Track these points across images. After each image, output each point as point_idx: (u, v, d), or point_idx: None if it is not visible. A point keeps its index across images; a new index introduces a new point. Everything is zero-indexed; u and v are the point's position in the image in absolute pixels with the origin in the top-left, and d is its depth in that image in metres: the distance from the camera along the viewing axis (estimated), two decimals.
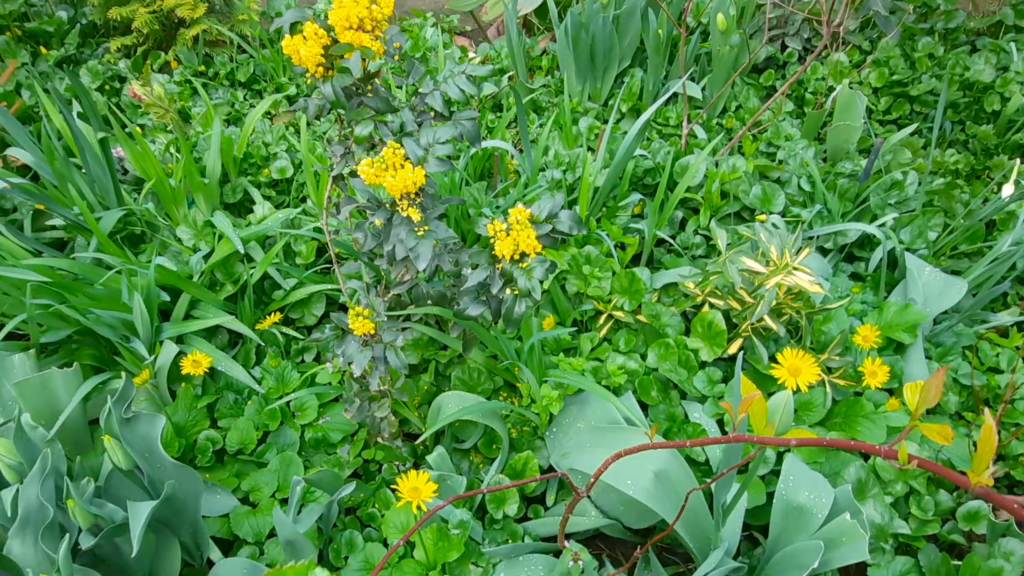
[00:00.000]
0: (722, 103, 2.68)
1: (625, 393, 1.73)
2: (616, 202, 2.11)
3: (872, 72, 2.82)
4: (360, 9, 1.25)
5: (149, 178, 2.01)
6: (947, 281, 1.88)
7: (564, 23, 2.46)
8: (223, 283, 1.93)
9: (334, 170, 1.50)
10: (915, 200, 2.16)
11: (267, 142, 2.38)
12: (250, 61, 2.82)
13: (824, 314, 1.77)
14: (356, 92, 1.37)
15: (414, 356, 1.84)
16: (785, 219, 2.16)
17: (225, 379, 1.79)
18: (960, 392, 1.80)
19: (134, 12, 2.72)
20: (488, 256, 1.42)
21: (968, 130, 2.73)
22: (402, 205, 1.32)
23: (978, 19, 3.31)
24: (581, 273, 1.92)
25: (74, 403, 1.55)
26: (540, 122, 2.47)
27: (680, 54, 2.33)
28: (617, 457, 0.99)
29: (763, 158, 2.42)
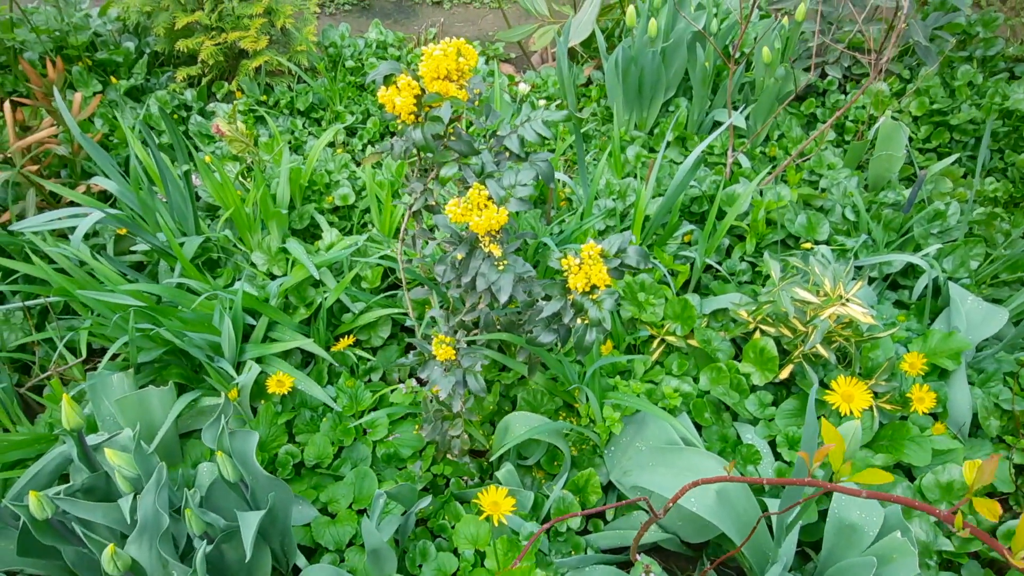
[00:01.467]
0: (765, 132, 2.77)
1: (680, 414, 1.82)
2: (667, 231, 2.20)
3: (913, 101, 2.89)
4: (449, 62, 1.37)
5: (226, 207, 2.14)
6: (989, 310, 1.95)
7: (614, 56, 2.57)
8: (296, 306, 2.04)
9: (413, 206, 1.61)
10: (957, 230, 2.23)
11: (329, 170, 2.50)
12: (308, 90, 2.96)
13: (873, 342, 1.85)
14: (441, 137, 1.48)
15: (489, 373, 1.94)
16: (831, 248, 2.24)
17: (301, 397, 1.90)
18: (1001, 416, 1.86)
19: (200, 44, 2.87)
20: (561, 288, 1.52)
21: (1007, 158, 2.79)
22: (484, 241, 1.43)
23: (1017, 45, 3.37)
24: (636, 299, 2.01)
25: (171, 419, 1.67)
26: (593, 152, 2.58)
27: (729, 86, 2.43)
28: (695, 485, 1.08)
29: (807, 187, 2.50)
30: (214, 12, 2.82)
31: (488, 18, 3.89)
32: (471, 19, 3.92)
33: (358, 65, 3.16)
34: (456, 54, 1.38)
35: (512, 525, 1.61)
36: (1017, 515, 1.85)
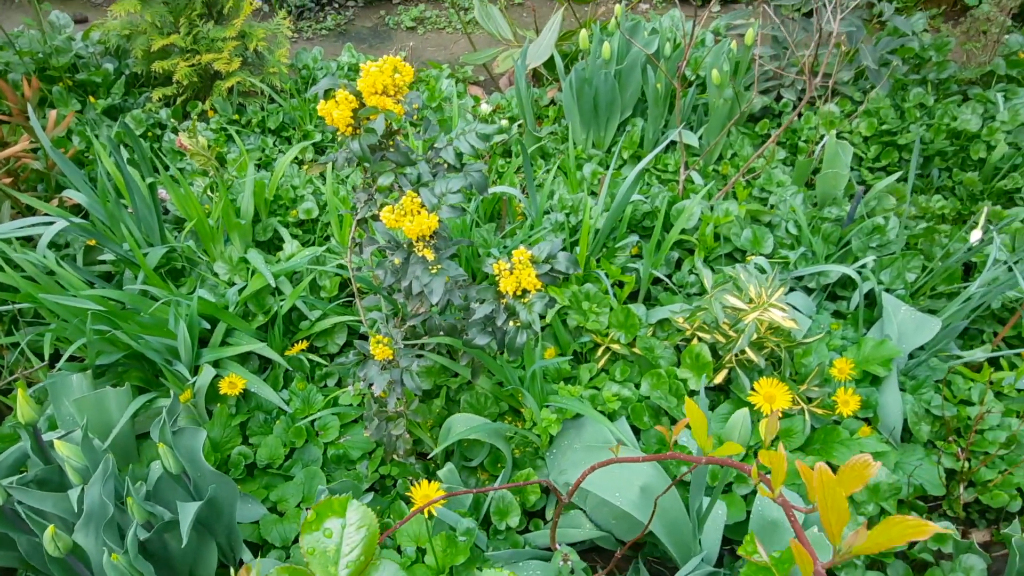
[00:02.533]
0: (718, 151, 2.87)
1: (619, 419, 1.89)
2: (615, 243, 2.29)
3: (862, 122, 3.00)
4: (385, 78, 1.46)
5: (191, 218, 2.22)
6: (921, 319, 2.03)
7: (569, 77, 2.68)
8: (255, 313, 2.12)
9: (358, 214, 1.69)
10: (895, 243, 2.32)
11: (295, 185, 2.59)
12: (279, 110, 3.06)
13: (804, 348, 1.93)
14: (380, 147, 1.57)
15: (427, 383, 2.01)
16: (773, 260, 2.33)
17: (256, 400, 1.97)
18: (932, 422, 1.94)
19: (175, 65, 2.97)
20: (494, 292, 1.60)
21: (955, 177, 2.89)
22: (418, 246, 1.51)
23: (970, 69, 3.49)
24: (581, 309, 2.09)
25: (125, 418, 1.74)
26: (546, 168, 2.67)
27: (676, 106, 2.53)
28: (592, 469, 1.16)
29: (755, 203, 2.60)
30: (189, 35, 2.93)
31: (460, 43, 4.01)
32: (443, 44, 4.04)
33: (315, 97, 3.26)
34: (392, 70, 1.48)
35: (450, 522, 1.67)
36: (949, 517, 1.92)
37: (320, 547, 0.56)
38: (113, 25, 3.08)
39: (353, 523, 0.57)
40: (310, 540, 0.56)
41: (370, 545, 0.55)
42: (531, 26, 3.49)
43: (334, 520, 0.57)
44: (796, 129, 3.06)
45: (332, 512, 0.57)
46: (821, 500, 0.62)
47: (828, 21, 2.65)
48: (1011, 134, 2.87)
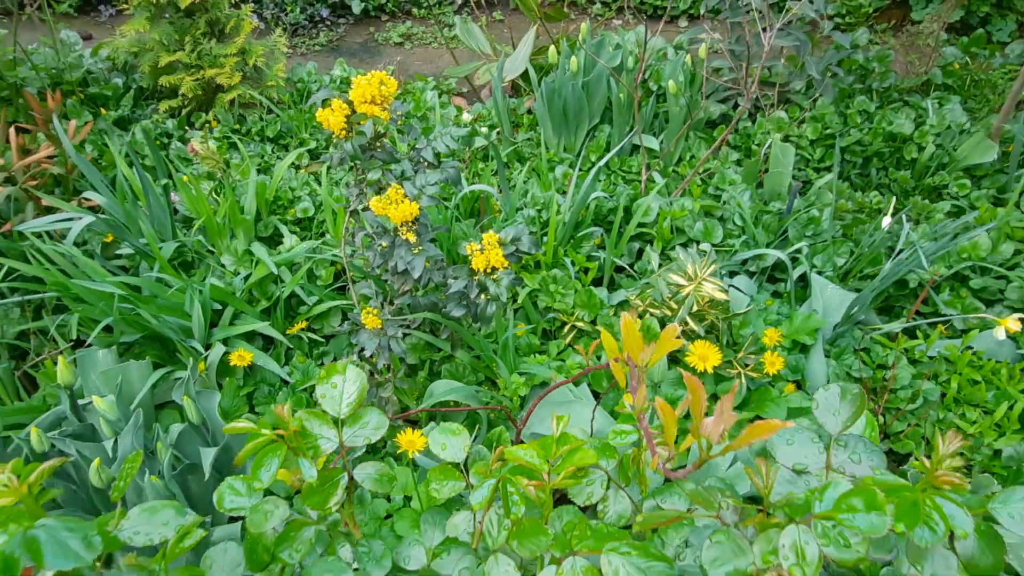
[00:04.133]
0: (677, 154, 3.16)
1: (582, 384, 2.16)
2: (579, 235, 2.57)
3: (809, 127, 3.30)
4: (373, 89, 1.73)
5: (200, 216, 2.49)
6: (844, 296, 2.32)
7: (540, 88, 2.96)
8: (259, 299, 2.38)
9: (351, 206, 1.96)
10: (828, 232, 2.61)
11: (293, 187, 2.86)
12: (277, 120, 3.33)
13: (741, 320, 2.21)
14: (369, 148, 1.84)
15: (413, 357, 2.28)
16: (721, 248, 2.61)
17: (261, 374, 2.23)
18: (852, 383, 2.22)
19: (181, 80, 3.24)
20: (467, 270, 1.87)
21: (890, 175, 3.19)
22: (402, 231, 1.78)
23: (910, 79, 3.80)
24: (549, 291, 2.36)
25: (146, 387, 2.00)
26: (521, 169, 2.95)
27: (636, 114, 2.82)
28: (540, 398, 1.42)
29: (709, 199, 2.88)
30: (194, 52, 3.20)
31: (445, 57, 4.30)
32: (429, 58, 4.32)
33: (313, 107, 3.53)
34: (379, 83, 1.75)
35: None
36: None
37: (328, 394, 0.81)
38: (122, 43, 3.35)
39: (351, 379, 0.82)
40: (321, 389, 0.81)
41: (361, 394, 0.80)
42: (509, 42, 3.78)
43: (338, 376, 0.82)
44: (750, 134, 3.35)
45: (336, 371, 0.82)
46: (626, 340, 0.85)
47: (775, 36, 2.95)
48: (939, 136, 3.18)
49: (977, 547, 0.62)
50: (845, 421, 0.70)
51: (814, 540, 0.56)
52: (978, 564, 0.62)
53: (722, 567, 0.60)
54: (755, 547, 0.59)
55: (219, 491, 0.90)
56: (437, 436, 0.86)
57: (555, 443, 0.78)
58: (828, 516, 0.56)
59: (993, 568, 0.63)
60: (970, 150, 3.09)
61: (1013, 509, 0.61)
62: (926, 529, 0.58)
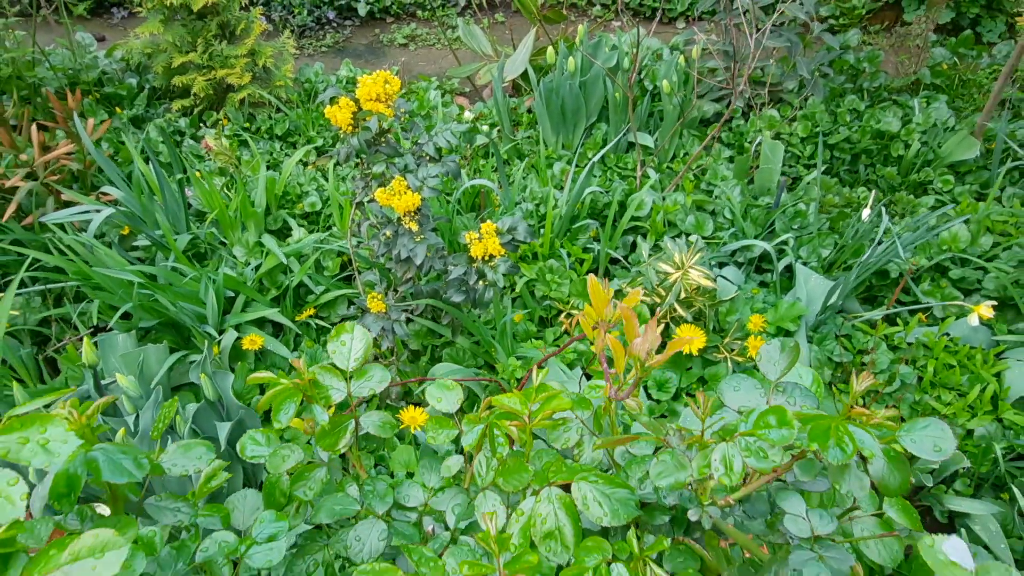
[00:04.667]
0: (671, 151, 3.27)
1: (576, 367, 2.27)
2: (575, 227, 2.68)
3: (799, 125, 3.41)
4: (378, 88, 1.85)
5: (213, 209, 2.61)
6: (827, 285, 2.42)
7: (539, 88, 3.08)
8: (269, 288, 2.50)
9: (357, 198, 2.08)
10: (814, 226, 2.72)
11: (300, 183, 2.98)
12: (285, 119, 3.45)
13: (728, 307, 2.32)
14: (374, 143, 1.96)
15: (415, 343, 2.39)
16: (712, 240, 2.72)
17: (271, 358, 2.35)
18: (835, 368, 2.33)
19: (193, 80, 3.36)
20: (466, 258, 1.99)
21: (878, 171, 3.30)
22: (405, 220, 1.90)
23: (900, 79, 3.91)
24: (546, 280, 2.48)
25: (164, 369, 2.12)
26: (520, 166, 3.07)
27: (631, 112, 2.93)
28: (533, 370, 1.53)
29: (701, 194, 2.99)
30: (205, 53, 3.32)
31: (448, 58, 4.42)
32: (433, 59, 4.44)
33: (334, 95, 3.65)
34: (384, 82, 1.87)
35: (434, 447, 2.05)
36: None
37: (338, 350, 0.92)
38: (136, 44, 3.48)
39: (358, 338, 0.93)
40: (332, 346, 0.92)
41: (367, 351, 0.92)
42: (510, 43, 3.89)
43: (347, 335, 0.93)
44: (743, 132, 3.46)
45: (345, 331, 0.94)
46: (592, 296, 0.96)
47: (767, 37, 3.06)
48: (925, 134, 3.28)
49: (887, 469, 0.73)
50: (783, 369, 0.82)
51: (739, 454, 0.67)
52: (888, 484, 0.73)
53: (665, 478, 0.71)
54: (693, 463, 0.70)
55: (241, 441, 1.02)
56: (434, 391, 0.97)
57: (535, 391, 0.90)
58: (750, 433, 0.67)
59: (900, 487, 0.74)
60: (954, 147, 3.20)
61: (915, 436, 0.72)
62: (838, 449, 0.69)
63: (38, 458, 0.58)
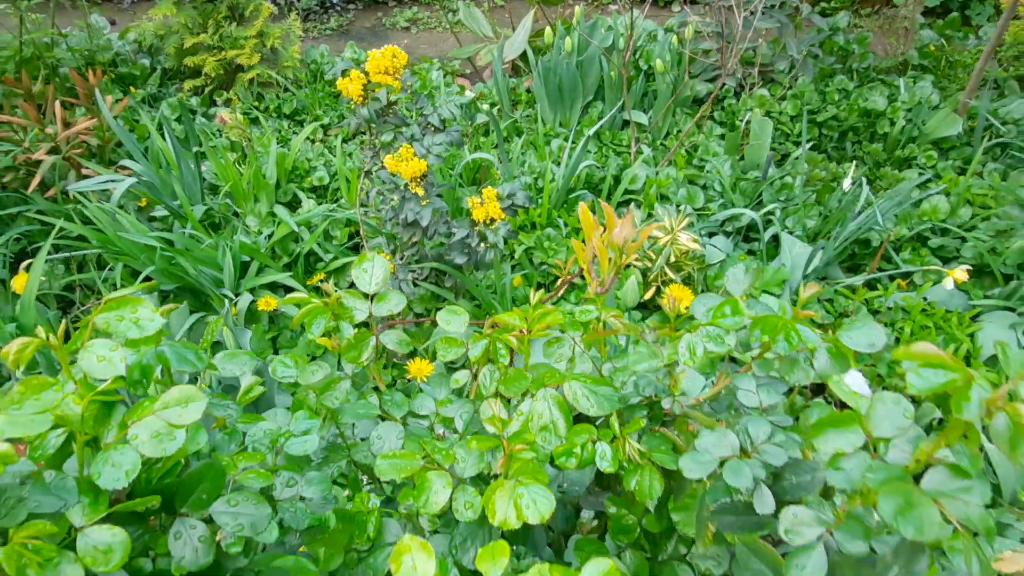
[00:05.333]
0: (665, 128, 3.40)
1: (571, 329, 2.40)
2: (570, 198, 2.81)
3: (789, 104, 3.53)
4: (386, 61, 1.98)
5: (227, 182, 2.74)
6: (810, 253, 2.56)
7: (537, 67, 3.20)
8: (281, 256, 2.64)
9: (365, 167, 2.21)
10: (800, 198, 2.85)
11: (309, 158, 3.11)
12: (293, 98, 3.58)
13: (715, 271, 2.46)
14: (382, 114, 2.09)
15: (420, 307, 2.53)
16: (702, 212, 2.86)
17: (284, 321, 2.49)
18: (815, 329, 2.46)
19: (204, 60, 3.49)
20: (469, 222, 2.12)
21: (864, 148, 3.43)
22: (412, 185, 2.03)
23: (888, 60, 4.03)
24: (543, 247, 2.61)
25: (184, 328, 2.26)
26: (518, 142, 3.20)
27: (625, 91, 3.06)
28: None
29: (693, 169, 3.13)
30: (216, 34, 3.44)
31: (449, 41, 4.53)
32: (434, 42, 4.56)
33: (335, 78, 3.78)
34: (391, 56, 2.00)
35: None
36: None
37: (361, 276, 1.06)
38: (148, 26, 3.60)
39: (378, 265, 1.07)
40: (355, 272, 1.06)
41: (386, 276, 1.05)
42: (509, 25, 4.01)
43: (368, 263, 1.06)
44: (735, 111, 3.59)
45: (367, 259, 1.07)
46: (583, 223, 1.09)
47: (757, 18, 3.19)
48: (910, 112, 3.41)
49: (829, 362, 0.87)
50: (746, 288, 0.95)
51: (701, 341, 0.81)
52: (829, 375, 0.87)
53: (641, 364, 0.85)
54: (664, 351, 0.84)
55: (272, 365, 1.16)
56: (444, 315, 1.11)
57: (531, 309, 1.03)
58: (710, 323, 0.81)
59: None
60: (938, 124, 3.33)
61: (852, 334, 0.85)
62: (785, 342, 0.83)
63: (132, 331, 0.71)
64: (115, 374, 0.68)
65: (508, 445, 0.87)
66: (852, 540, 0.56)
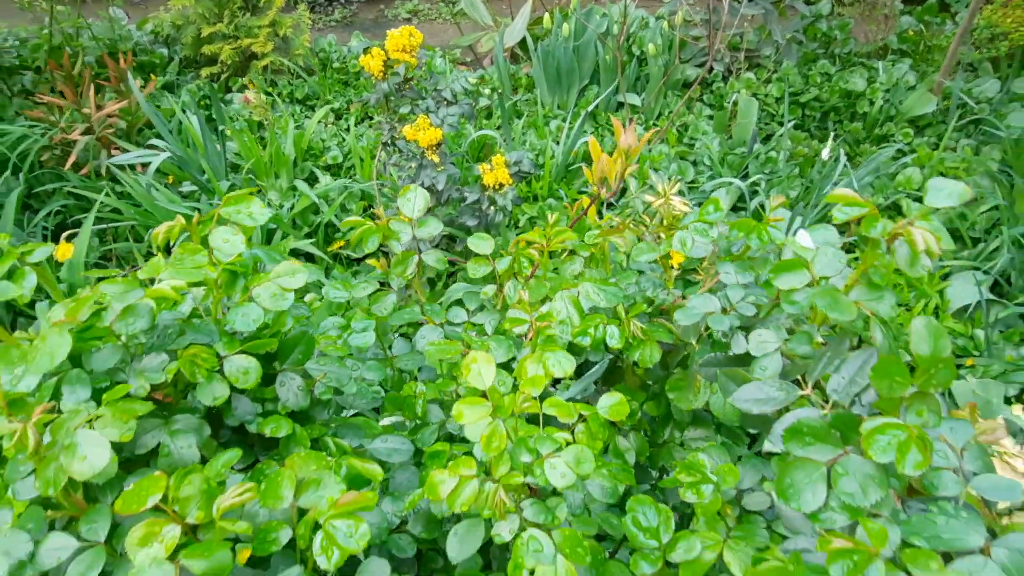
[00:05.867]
0: (657, 110, 3.61)
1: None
2: (569, 171, 3.02)
3: (774, 86, 3.75)
4: (403, 40, 2.18)
5: (249, 159, 2.93)
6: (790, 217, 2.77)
7: (536, 51, 3.41)
8: (302, 226, 2.83)
9: (384, 138, 2.42)
10: (783, 171, 3.06)
11: (323, 139, 3.30)
12: (304, 84, 3.77)
13: None
14: (400, 88, 2.29)
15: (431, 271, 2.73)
16: (693, 184, 3.07)
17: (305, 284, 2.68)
18: None
19: (220, 48, 3.68)
20: (480, 187, 2.33)
21: (844, 127, 3.64)
22: (428, 152, 2.24)
23: (869, 45, 4.24)
24: (545, 217, 2.82)
25: None
26: (519, 123, 3.40)
27: (619, 74, 3.26)
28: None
29: (683, 147, 3.34)
30: (231, 24, 3.63)
31: (449, 31, 4.73)
32: (435, 32, 4.76)
33: (343, 66, 3.98)
34: (408, 34, 2.20)
35: None
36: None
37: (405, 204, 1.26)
38: (165, 17, 3.78)
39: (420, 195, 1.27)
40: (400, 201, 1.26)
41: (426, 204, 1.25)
42: (508, 13, 4.21)
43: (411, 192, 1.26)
44: (723, 94, 3.80)
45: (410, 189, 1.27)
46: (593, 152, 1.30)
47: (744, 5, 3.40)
48: (888, 92, 3.63)
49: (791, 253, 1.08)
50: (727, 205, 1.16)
51: (691, 235, 1.01)
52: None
53: (643, 256, 1.06)
54: (661, 247, 1.05)
55: (324, 290, 1.36)
56: (474, 240, 1.31)
57: (548, 227, 1.24)
58: (697, 220, 1.02)
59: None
60: (914, 103, 3.54)
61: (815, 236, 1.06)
62: (757, 239, 1.03)
63: (247, 220, 0.92)
64: (237, 252, 0.88)
65: (535, 323, 1.07)
66: (800, 346, 0.77)
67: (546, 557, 0.71)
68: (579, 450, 0.78)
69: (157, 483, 0.63)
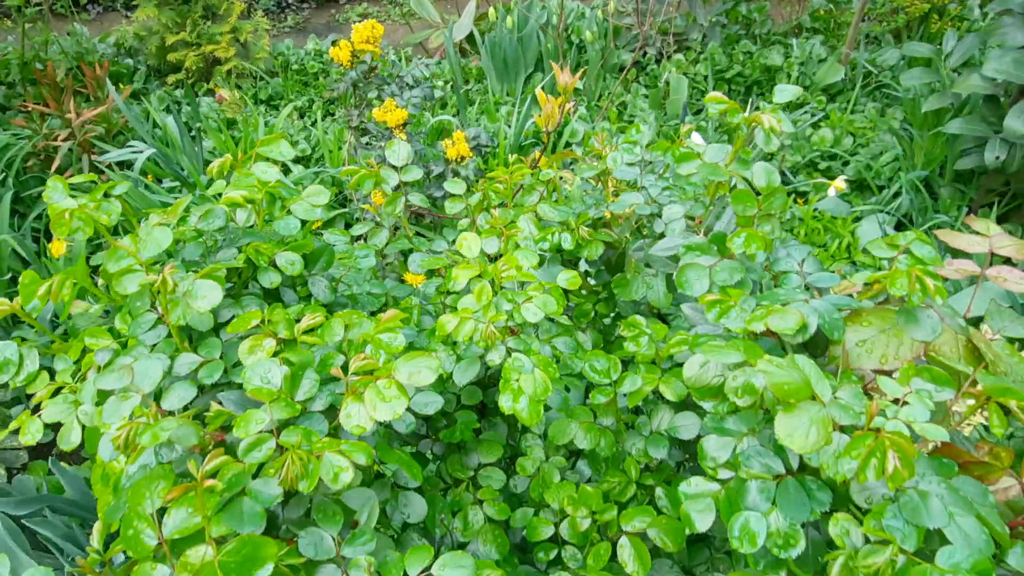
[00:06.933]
0: (598, 91, 3.94)
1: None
2: (522, 148, 3.32)
3: (702, 65, 4.11)
4: (367, 32, 2.45)
5: (224, 152, 3.17)
6: None
7: (484, 43, 3.70)
8: None
9: (352, 123, 2.68)
10: (712, 138, 3.41)
11: (291, 133, 3.55)
12: (268, 85, 4.01)
13: None
14: (366, 76, 2.56)
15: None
16: None
17: None
18: None
19: (185, 56, 3.89)
20: (444, 160, 2.61)
21: (766, 98, 4.01)
22: (396, 131, 2.51)
23: (785, 24, 4.64)
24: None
25: None
26: (474, 108, 3.69)
27: (561, 60, 3.58)
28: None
29: (623, 123, 3.67)
30: (193, 32, 3.85)
31: (398, 32, 5.00)
32: (387, 32, 5.01)
33: (301, 67, 4.22)
34: (371, 27, 2.48)
35: None
36: None
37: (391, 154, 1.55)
38: (128, 29, 3.99)
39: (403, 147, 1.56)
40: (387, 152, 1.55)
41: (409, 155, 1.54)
42: (454, 11, 4.50)
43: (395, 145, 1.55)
44: (657, 75, 4.14)
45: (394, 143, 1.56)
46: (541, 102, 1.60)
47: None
48: (803, 66, 4.01)
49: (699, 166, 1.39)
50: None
51: (620, 155, 1.32)
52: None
53: (585, 172, 1.36)
54: (598, 164, 1.36)
55: (324, 238, 1.63)
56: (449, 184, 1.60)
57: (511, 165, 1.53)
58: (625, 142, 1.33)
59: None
60: (825, 74, 3.94)
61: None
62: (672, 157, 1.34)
63: (277, 155, 1.19)
64: (274, 179, 1.15)
65: (505, 231, 1.36)
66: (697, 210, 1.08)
67: (526, 369, 1.00)
68: (546, 297, 1.08)
69: (255, 314, 0.91)
